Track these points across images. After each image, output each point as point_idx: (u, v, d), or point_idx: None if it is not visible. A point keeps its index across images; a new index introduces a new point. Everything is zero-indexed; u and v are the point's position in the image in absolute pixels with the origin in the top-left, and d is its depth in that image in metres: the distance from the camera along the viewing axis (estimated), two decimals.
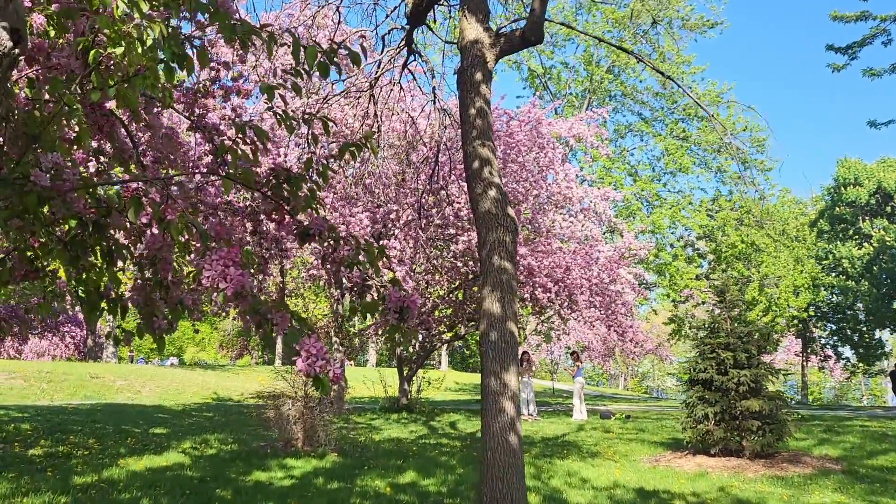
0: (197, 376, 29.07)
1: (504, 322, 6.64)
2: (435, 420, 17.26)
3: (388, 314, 2.93)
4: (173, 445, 11.16)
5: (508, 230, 6.88)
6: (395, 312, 2.93)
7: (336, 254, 2.80)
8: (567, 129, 20.39)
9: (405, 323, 2.96)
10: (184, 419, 15.19)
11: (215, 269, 2.32)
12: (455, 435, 14.12)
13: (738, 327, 10.65)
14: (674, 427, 15.05)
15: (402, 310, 2.94)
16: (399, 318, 2.94)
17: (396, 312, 2.93)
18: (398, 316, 2.93)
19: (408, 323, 2.97)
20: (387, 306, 2.93)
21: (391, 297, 2.88)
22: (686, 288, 25.53)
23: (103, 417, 14.07)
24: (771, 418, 9.96)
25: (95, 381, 22.35)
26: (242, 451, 10.38)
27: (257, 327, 2.38)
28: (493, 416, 6.42)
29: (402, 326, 2.98)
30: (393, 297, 2.88)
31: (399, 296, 2.90)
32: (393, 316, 2.91)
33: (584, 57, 27.62)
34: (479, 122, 7.11)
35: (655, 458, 10.87)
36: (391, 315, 2.91)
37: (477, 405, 24.17)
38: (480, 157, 6.98)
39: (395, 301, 2.90)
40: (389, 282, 2.91)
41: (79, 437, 11.44)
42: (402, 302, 2.92)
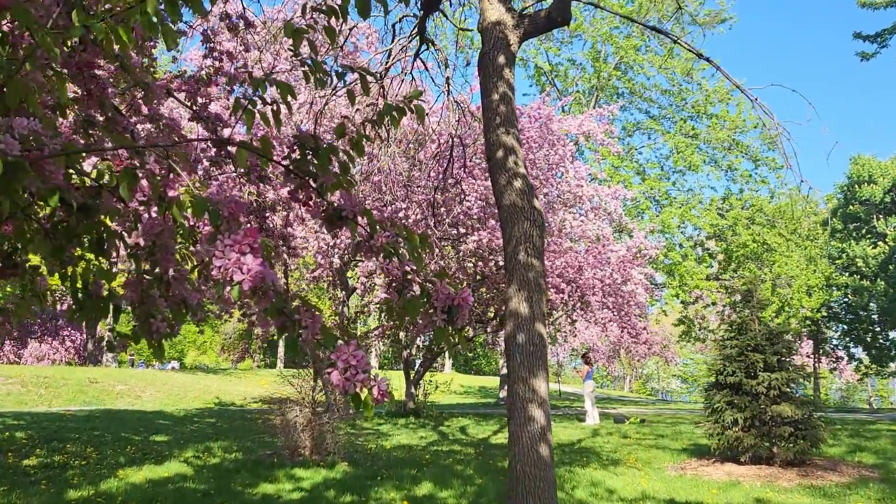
0: (198, 380, 28.58)
1: (532, 323, 6.15)
2: (444, 425, 16.76)
3: (434, 314, 2.43)
4: (175, 454, 10.67)
5: (535, 224, 6.39)
6: (443, 312, 2.43)
7: (373, 241, 2.30)
8: (577, 125, 19.92)
9: (455, 324, 2.46)
10: (185, 426, 14.69)
11: (229, 257, 1.83)
12: (467, 441, 13.62)
13: (766, 328, 10.14)
14: (692, 432, 14.55)
15: (450, 309, 2.45)
16: (447, 319, 2.44)
17: (444, 312, 2.43)
18: (446, 317, 2.43)
19: (458, 324, 2.48)
20: (432, 305, 2.43)
21: (439, 293, 2.39)
22: (696, 289, 25.02)
23: (102, 424, 13.57)
24: (804, 424, 9.46)
25: (95, 386, 21.85)
26: (248, 461, 9.88)
27: (280, 331, 1.89)
28: (522, 425, 5.92)
29: (449, 330, 2.49)
30: (441, 293, 2.39)
31: (447, 292, 2.41)
32: (440, 316, 2.41)
33: (591, 53, 27.11)
34: (502, 108, 6.62)
35: (680, 465, 10.37)
36: (438, 315, 2.41)
37: (485, 409, 23.65)
38: (504, 146, 6.49)
39: (442, 298, 2.40)
40: (436, 276, 2.42)
41: (76, 445, 10.95)
42: (452, 300, 2.42)
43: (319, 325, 1.87)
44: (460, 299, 2.47)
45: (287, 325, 1.86)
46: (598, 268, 17.73)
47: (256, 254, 1.87)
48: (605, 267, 17.94)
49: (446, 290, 2.44)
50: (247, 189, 8.39)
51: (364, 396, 1.84)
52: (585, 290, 17.30)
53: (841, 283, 26.43)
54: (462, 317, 2.48)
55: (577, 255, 17.52)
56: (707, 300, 27.22)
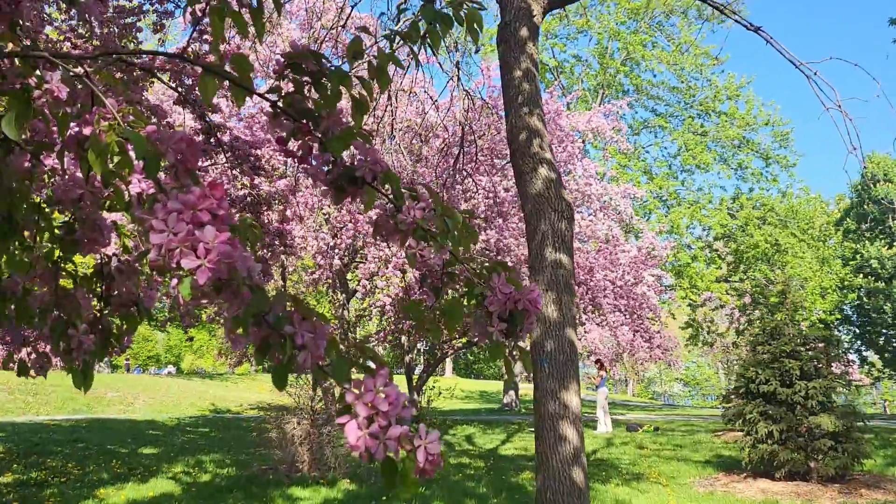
0: (194, 386, 27.79)
1: (562, 328, 5.39)
2: (449, 434, 16.00)
3: (489, 322, 1.68)
4: (163, 469, 9.90)
5: (564, 216, 5.63)
6: (502, 320, 1.69)
7: (402, 216, 1.55)
8: (585, 122, 19.22)
9: (518, 336, 1.72)
10: (177, 436, 13.92)
11: (174, 231, 1.08)
12: (475, 452, 12.86)
13: (801, 332, 9.40)
14: (712, 442, 13.80)
15: (512, 315, 1.70)
16: (509, 328, 1.69)
17: (504, 320, 1.69)
18: (507, 325, 1.68)
19: (521, 336, 1.74)
20: (485, 308, 1.68)
21: (496, 293, 1.64)
22: (707, 291, 24.29)
23: (88, 435, 12.79)
24: (844, 437, 8.71)
25: (85, 394, 21.03)
26: (241, 477, 9.12)
27: (261, 352, 1.14)
28: (552, 445, 5.16)
29: (506, 344, 1.76)
30: (499, 293, 1.64)
31: (507, 292, 1.67)
32: (497, 326, 1.66)
33: (597, 50, 26.39)
34: (525, 86, 5.88)
35: (708, 480, 9.61)
36: (494, 323, 1.66)
37: (489, 416, 22.90)
38: (529, 129, 5.74)
39: (501, 300, 1.66)
40: (491, 268, 1.68)
41: (57, 460, 10.18)
42: (514, 302, 1.68)
43: (325, 343, 1.12)
44: (526, 301, 1.72)
45: (272, 343, 1.12)
46: (610, 269, 17.00)
47: (221, 226, 1.12)
48: (616, 268, 17.22)
49: (506, 287, 1.70)
50: (239, 181, 7.66)
51: (402, 465, 1.10)
52: (597, 293, 16.57)
53: (855, 284, 25.69)
54: (529, 325, 1.74)
55: (588, 255, 16.78)
56: (716, 302, 26.49)
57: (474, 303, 1.76)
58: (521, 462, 11.50)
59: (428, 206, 1.67)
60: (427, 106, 13.28)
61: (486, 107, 12.01)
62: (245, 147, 7.42)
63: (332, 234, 13.79)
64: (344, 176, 1.61)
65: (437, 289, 1.77)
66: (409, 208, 1.64)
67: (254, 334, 1.15)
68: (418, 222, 1.65)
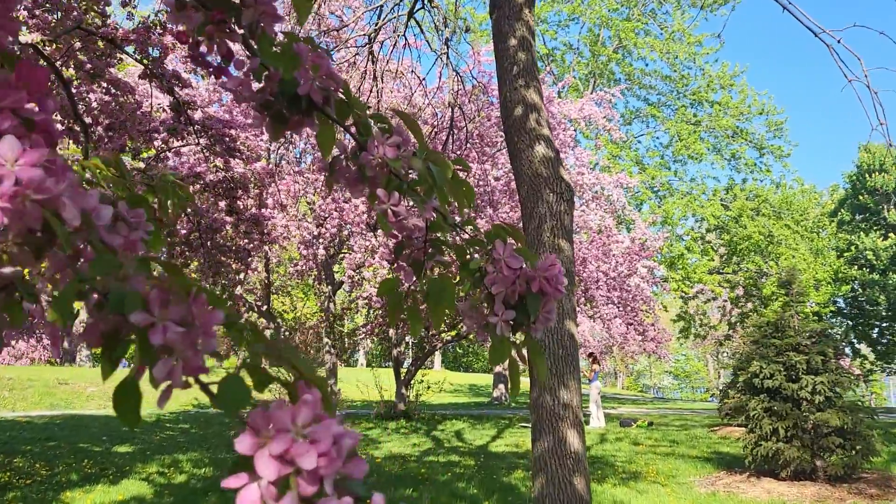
0: None
1: (561, 320, 4.93)
2: (438, 429, 15.55)
3: (490, 308, 1.19)
4: (136, 470, 9.39)
5: (563, 198, 5.16)
6: (509, 306, 1.20)
7: (369, 156, 1.06)
8: (577, 110, 18.74)
9: (532, 330, 1.23)
10: (155, 433, 13.39)
11: None
12: (465, 449, 12.40)
13: (807, 325, 8.98)
14: (708, 437, 13.41)
15: (524, 300, 1.21)
16: (518, 318, 1.20)
17: (512, 306, 1.20)
18: (516, 314, 1.19)
19: (536, 331, 1.25)
20: (485, 290, 1.20)
21: (501, 268, 1.15)
22: (700, 283, 23.92)
23: (61, 433, 12.25)
24: (852, 434, 8.31)
25: (64, 388, 20.48)
26: (217, 479, 8.61)
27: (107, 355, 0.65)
28: (551, 449, 4.69)
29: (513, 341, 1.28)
30: (506, 268, 1.15)
31: (517, 267, 1.17)
32: (502, 313, 1.16)
33: (588, 38, 25.91)
34: (521, 55, 5.39)
35: (709, 480, 9.19)
36: (498, 310, 1.17)
37: (478, 410, 22.47)
38: (525, 102, 5.26)
39: (507, 279, 1.16)
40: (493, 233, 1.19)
41: (25, 460, 9.64)
42: (528, 280, 1.18)
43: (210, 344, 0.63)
44: (544, 280, 1.24)
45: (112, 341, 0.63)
46: (603, 260, 16.58)
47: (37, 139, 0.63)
48: (609, 259, 16.81)
49: (515, 260, 1.21)
50: (212, 163, 7.13)
51: None
52: (589, 284, 16.15)
53: (850, 276, 25.39)
54: (547, 314, 1.25)
55: (581, 246, 16.35)
56: (709, 295, 26.16)
57: (469, 282, 1.28)
58: (512, 459, 11.06)
59: (405, 143, 1.19)
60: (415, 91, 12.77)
61: (477, 88, 11.50)
62: (219, 126, 6.90)
63: (316, 224, 13.28)
64: (283, 96, 1.12)
65: (418, 263, 1.29)
66: (377, 145, 1.15)
67: (89, 327, 0.66)
68: (390, 165, 1.16)
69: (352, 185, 1.21)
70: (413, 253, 1.28)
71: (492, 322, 1.23)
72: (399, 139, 1.17)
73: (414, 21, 8.91)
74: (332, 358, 16.35)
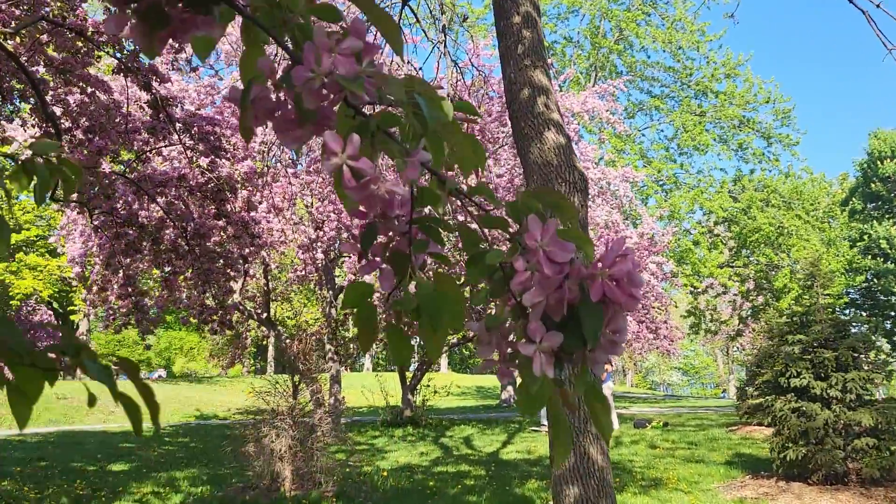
0: (181, 391, 26.74)
1: None
2: (446, 436, 15.06)
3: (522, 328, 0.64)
4: (131, 490, 8.93)
5: (577, 188, 4.68)
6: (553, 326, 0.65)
7: (304, 74, 0.55)
8: (580, 103, 18.25)
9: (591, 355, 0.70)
10: (153, 448, 12.91)
11: None
12: (475, 458, 11.91)
13: (833, 319, 8.48)
14: (728, 438, 12.90)
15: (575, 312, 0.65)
16: (568, 345, 0.66)
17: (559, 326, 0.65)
18: (566, 334, 0.64)
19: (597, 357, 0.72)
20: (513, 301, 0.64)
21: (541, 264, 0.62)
22: (710, 277, 23.40)
23: (54, 452, 11.79)
24: (888, 433, 7.80)
25: (63, 403, 20.00)
26: (214, 500, 8.15)
27: None
28: (572, 468, 4.21)
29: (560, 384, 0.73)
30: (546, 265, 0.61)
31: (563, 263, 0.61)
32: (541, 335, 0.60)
33: (589, 30, 25.41)
34: (526, 33, 4.91)
35: (734, 485, 8.69)
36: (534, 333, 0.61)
37: (487, 413, 21.98)
38: (532, 84, 4.77)
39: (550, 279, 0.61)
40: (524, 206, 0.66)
41: (14, 483, 9.18)
42: (586, 283, 0.64)
43: None
44: (609, 282, 0.72)
45: None
46: None
47: None
48: None
49: (562, 251, 0.69)
50: (195, 163, 6.64)
51: None
52: None
53: (863, 266, 24.81)
54: (614, 339, 0.73)
55: None
56: (719, 289, 25.64)
57: (485, 287, 0.80)
58: (525, 468, 10.57)
59: (368, 53, 0.70)
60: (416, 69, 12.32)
61: (477, 81, 11.03)
62: (202, 123, 6.43)
63: (314, 227, 12.80)
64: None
65: (400, 257, 0.80)
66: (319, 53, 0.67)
67: None
68: (344, 87, 0.67)
69: (282, 126, 0.73)
70: (392, 241, 0.80)
71: (524, 353, 0.74)
72: (357, 44, 0.68)
73: (409, 9, 8.45)
74: (335, 364, 15.87)
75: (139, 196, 6.99)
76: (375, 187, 0.67)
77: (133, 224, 7.07)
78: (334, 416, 14.04)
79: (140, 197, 6.96)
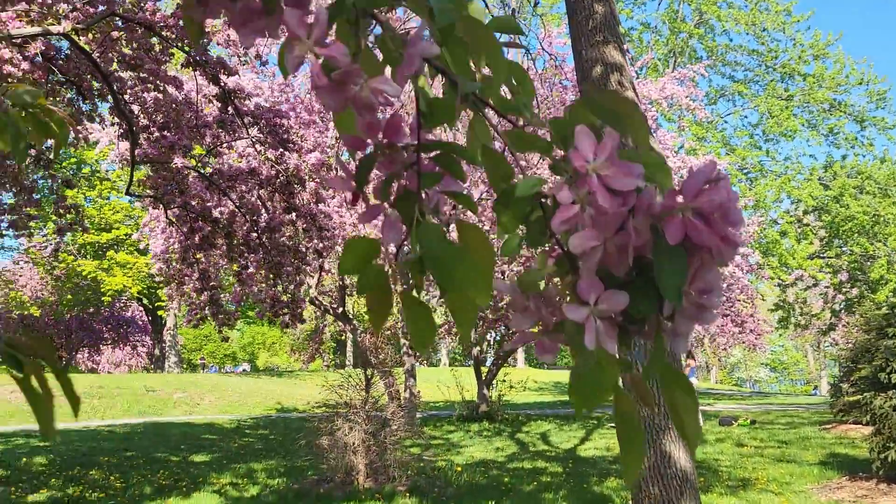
0: (263, 384, 27.36)
1: None
2: (522, 431, 14.83)
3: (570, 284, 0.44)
4: (210, 481, 9.08)
5: None
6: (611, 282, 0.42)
7: None
8: (658, 90, 17.65)
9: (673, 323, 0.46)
10: (234, 440, 13.18)
11: None
12: (551, 454, 11.65)
13: None
14: (822, 437, 12.20)
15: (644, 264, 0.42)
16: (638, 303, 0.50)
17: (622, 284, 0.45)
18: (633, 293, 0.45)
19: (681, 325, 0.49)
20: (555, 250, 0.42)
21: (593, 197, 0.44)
22: (799, 269, 22.28)
23: (140, 442, 12.16)
24: None
25: (151, 395, 20.73)
26: (289, 493, 8.18)
27: None
28: (653, 467, 3.94)
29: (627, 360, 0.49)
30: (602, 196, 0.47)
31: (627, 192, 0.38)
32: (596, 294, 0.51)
33: (667, 14, 24.57)
34: (598, 7, 4.64)
35: (830, 487, 8.15)
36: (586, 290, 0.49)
37: (564, 409, 21.58)
38: (604, 61, 4.50)
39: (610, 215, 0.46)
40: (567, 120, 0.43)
41: (101, 472, 9.48)
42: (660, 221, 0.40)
43: None
44: (695, 219, 0.48)
45: None
46: None
47: None
48: None
49: (623, 176, 0.47)
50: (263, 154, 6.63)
51: None
52: None
53: None
54: (703, 299, 0.50)
55: None
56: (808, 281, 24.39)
57: (519, 234, 0.58)
58: (604, 465, 10.24)
59: None
60: None
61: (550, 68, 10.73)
62: (269, 116, 6.42)
63: None
64: None
65: (407, 198, 0.60)
66: None
67: None
68: None
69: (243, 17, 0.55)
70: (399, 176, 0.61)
71: (574, 318, 0.54)
72: None
73: None
74: (410, 359, 15.86)
75: (211, 191, 7.05)
76: (356, 87, 0.49)
77: (207, 218, 7.13)
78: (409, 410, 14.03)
79: (212, 191, 7.02)
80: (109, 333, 34.97)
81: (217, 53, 6.30)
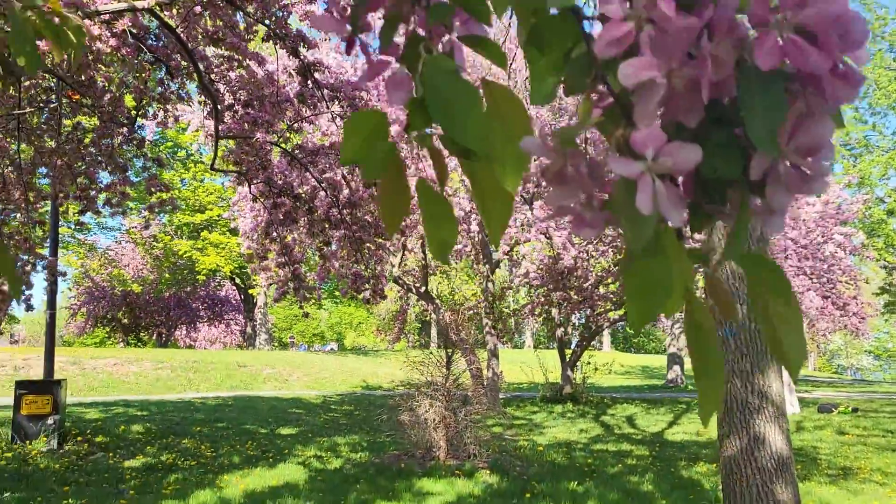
0: (349, 363, 27.91)
1: None
2: (607, 414, 14.53)
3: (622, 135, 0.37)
4: (296, 453, 9.27)
5: None
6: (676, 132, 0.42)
7: None
8: None
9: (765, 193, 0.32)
10: (319, 414, 13.46)
11: None
12: (637, 437, 11.34)
13: None
14: None
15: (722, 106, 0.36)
16: (715, 164, 0.37)
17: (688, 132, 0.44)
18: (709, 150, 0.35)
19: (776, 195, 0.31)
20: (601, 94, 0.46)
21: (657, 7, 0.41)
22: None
23: (231, 414, 12.56)
24: None
25: (242, 371, 21.45)
26: (371, 466, 8.24)
27: None
28: (745, 450, 3.69)
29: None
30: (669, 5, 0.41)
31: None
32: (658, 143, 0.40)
33: None
34: None
35: None
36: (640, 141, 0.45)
37: (651, 393, 21.05)
38: None
39: (674, 34, 0.31)
40: None
41: (193, 441, 9.83)
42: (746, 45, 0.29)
43: None
44: (798, 43, 0.30)
45: None
46: (791, 226, 14.72)
47: None
48: (798, 225, 14.89)
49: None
50: None
51: None
52: (776, 254, 14.37)
53: None
54: (812, 169, 0.34)
55: None
56: None
57: (553, 74, 0.42)
58: (693, 449, 9.88)
59: None
60: None
61: None
62: (348, 89, 6.39)
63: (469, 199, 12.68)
64: None
65: (413, 42, 0.46)
66: None
67: None
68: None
69: None
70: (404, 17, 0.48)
71: (623, 173, 0.39)
72: None
73: None
74: (492, 339, 15.76)
75: (293, 166, 7.11)
76: None
77: (289, 194, 7.20)
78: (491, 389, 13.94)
79: (294, 167, 7.08)
80: (205, 311, 36.44)
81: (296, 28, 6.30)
